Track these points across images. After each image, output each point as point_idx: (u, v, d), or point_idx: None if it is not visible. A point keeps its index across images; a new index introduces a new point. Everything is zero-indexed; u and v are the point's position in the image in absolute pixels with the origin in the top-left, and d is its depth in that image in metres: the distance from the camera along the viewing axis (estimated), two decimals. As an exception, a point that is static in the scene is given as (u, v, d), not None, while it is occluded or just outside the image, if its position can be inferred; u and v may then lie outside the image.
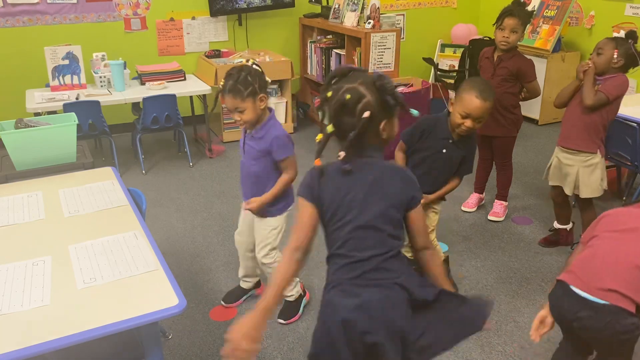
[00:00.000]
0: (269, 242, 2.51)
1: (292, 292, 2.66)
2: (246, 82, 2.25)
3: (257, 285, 2.84)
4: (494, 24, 3.33)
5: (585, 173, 2.89)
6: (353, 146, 1.52)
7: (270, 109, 2.41)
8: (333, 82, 1.58)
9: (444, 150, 2.54)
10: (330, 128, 1.55)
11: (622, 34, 2.74)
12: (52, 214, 2.15)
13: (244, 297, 2.81)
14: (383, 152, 1.63)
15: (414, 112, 1.60)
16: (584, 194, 2.92)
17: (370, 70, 4.52)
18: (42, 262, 1.80)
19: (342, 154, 1.53)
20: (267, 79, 2.35)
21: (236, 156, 4.80)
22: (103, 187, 2.38)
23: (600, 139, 2.89)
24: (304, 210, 1.59)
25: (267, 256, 2.54)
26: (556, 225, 3.26)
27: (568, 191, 2.98)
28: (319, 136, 1.56)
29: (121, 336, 1.59)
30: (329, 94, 1.56)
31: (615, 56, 2.69)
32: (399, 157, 2.63)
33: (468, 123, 2.42)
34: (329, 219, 1.58)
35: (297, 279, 2.70)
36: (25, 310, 1.57)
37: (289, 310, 2.67)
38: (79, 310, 1.56)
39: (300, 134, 5.33)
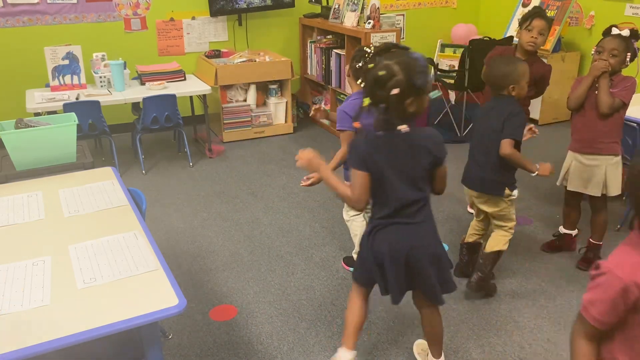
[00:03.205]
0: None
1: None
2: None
3: None
4: (518, 25, 3.19)
5: (612, 170, 2.88)
6: (384, 117, 1.78)
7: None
8: (377, 55, 1.81)
9: None
10: (366, 101, 1.79)
11: (626, 32, 2.70)
12: (52, 214, 2.15)
13: None
14: (413, 124, 1.82)
15: (434, 93, 1.79)
16: (612, 191, 2.90)
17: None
18: (42, 262, 1.80)
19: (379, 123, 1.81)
20: (361, 62, 2.58)
21: (236, 156, 4.80)
22: (103, 187, 2.38)
23: (620, 139, 2.89)
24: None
25: (345, 212, 2.97)
26: (562, 230, 3.19)
27: (596, 192, 2.90)
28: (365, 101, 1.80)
29: (121, 336, 1.59)
30: (371, 65, 1.77)
31: (627, 59, 2.68)
32: None
33: None
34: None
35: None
36: (25, 310, 1.56)
37: (352, 261, 3.03)
38: (79, 310, 1.56)
39: (300, 134, 5.33)
